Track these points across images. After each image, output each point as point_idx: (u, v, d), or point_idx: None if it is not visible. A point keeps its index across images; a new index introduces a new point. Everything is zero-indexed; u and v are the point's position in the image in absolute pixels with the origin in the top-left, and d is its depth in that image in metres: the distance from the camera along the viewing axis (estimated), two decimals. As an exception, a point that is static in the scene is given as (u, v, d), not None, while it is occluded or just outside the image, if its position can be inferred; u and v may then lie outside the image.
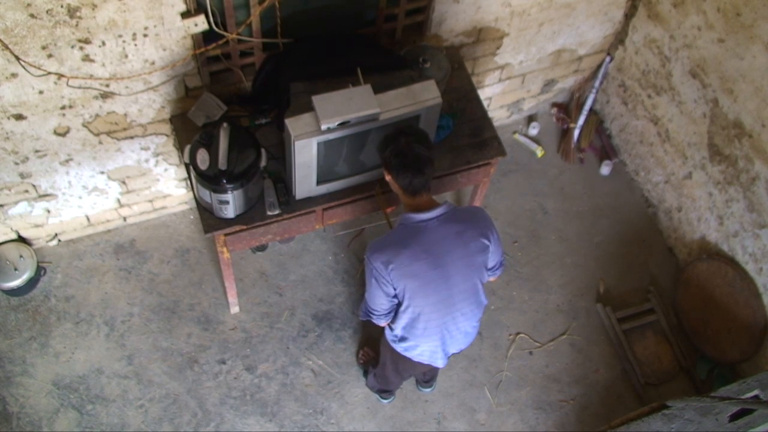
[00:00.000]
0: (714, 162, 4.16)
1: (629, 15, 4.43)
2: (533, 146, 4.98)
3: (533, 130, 5.04)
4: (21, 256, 4.08)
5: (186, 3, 3.12)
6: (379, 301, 2.95)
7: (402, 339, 3.13)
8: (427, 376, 4.03)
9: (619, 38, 4.59)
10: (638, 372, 4.31)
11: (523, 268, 4.60)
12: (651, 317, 4.48)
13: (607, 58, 4.73)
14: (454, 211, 2.90)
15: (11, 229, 4.08)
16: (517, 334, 4.41)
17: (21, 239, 4.17)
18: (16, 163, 3.62)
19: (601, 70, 4.78)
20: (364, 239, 4.55)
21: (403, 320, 3.01)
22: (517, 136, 5.04)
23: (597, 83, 4.83)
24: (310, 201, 3.51)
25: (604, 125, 5.06)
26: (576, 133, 4.93)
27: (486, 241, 2.92)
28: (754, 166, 3.88)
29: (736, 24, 3.73)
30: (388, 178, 2.89)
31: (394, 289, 2.88)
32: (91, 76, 3.28)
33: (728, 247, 4.20)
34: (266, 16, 3.38)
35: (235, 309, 4.25)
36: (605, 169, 4.94)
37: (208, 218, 3.42)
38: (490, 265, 3.02)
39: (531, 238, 4.71)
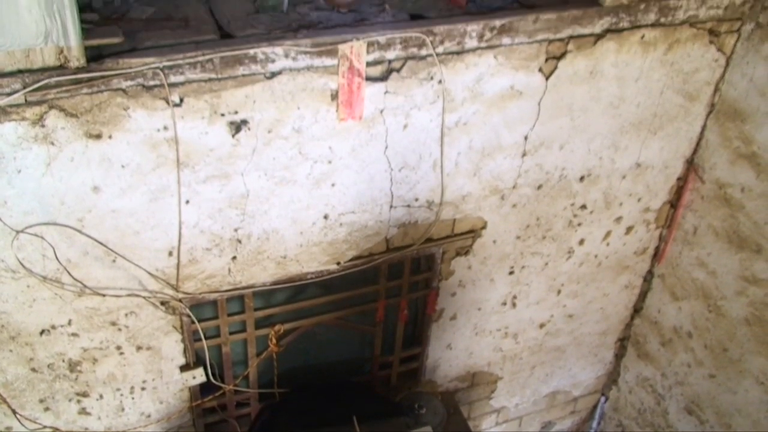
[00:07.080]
0: (726, 503, 4.00)
1: (619, 355, 4.53)
2: (537, 493, 4.82)
3: (536, 476, 4.91)
4: None
5: (186, 357, 3.20)
6: None
7: None
8: None
9: (612, 378, 4.65)
10: None
11: None
12: None
13: (602, 399, 4.75)
14: None
15: None
16: None
17: None
18: None
19: (597, 411, 4.77)
20: None
21: None
22: (519, 482, 4.89)
23: (594, 424, 4.80)
24: None
25: (608, 468, 4.94)
26: (580, 477, 4.80)
27: None
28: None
29: (725, 359, 3.81)
30: None
31: None
32: (86, 430, 3.26)
33: None
34: (264, 369, 3.46)
35: None
36: None
37: None
38: None
39: None
